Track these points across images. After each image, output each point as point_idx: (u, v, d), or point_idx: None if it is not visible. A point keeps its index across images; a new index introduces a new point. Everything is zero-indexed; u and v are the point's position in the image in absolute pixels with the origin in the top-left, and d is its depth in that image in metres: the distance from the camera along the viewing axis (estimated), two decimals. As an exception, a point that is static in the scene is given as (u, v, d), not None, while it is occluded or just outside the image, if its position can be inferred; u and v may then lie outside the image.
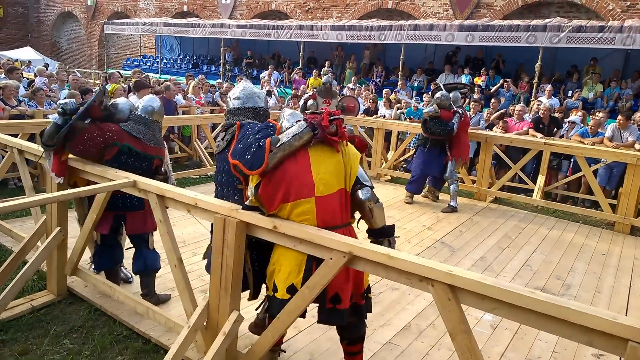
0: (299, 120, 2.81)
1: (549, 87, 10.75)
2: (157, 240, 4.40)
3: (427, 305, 4.22)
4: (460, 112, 7.17)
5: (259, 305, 3.32)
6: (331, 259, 2.56)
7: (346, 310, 2.74)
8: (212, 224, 3.13)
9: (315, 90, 7.91)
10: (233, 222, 2.84)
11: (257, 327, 3.34)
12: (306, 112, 2.96)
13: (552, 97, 10.51)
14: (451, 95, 7.28)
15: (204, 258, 3.47)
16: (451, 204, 7.32)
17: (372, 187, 2.90)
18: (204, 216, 3.10)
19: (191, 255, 4.87)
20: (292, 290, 2.73)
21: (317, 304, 2.75)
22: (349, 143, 2.89)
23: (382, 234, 2.98)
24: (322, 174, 2.69)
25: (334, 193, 2.72)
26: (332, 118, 2.73)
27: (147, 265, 3.91)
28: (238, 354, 3.15)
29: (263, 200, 2.71)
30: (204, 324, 3.12)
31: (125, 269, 4.41)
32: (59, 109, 3.68)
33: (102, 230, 3.90)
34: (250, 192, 2.78)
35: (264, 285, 3.05)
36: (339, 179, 2.75)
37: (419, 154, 7.49)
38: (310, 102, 6.67)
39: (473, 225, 6.70)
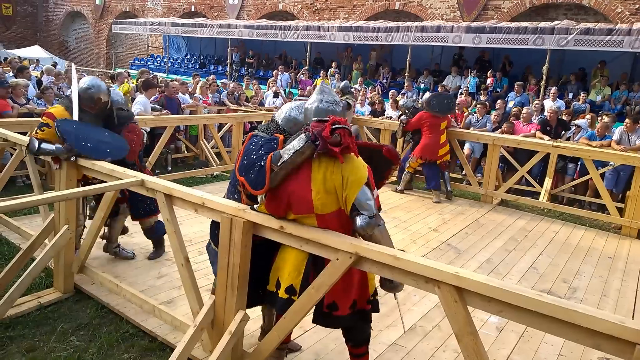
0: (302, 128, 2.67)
1: (553, 89, 10.70)
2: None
3: (432, 307, 4.21)
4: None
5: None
6: (337, 259, 2.56)
7: (344, 316, 2.75)
8: (211, 222, 3.16)
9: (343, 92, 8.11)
10: (240, 221, 2.85)
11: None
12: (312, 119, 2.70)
13: (558, 99, 10.46)
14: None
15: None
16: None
17: (371, 216, 2.56)
18: (211, 215, 3.11)
19: (197, 254, 4.88)
20: (291, 290, 2.74)
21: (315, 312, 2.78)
22: (360, 160, 2.66)
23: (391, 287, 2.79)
24: (321, 194, 2.59)
25: (333, 212, 2.65)
26: (335, 127, 2.51)
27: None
28: (244, 353, 3.17)
29: (270, 210, 2.74)
30: (210, 323, 3.13)
31: (123, 249, 4.78)
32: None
33: None
34: (259, 198, 2.78)
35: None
36: (336, 200, 2.62)
37: None
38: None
39: (479, 227, 6.68)
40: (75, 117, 4.02)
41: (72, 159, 3.83)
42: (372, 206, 2.59)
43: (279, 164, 2.56)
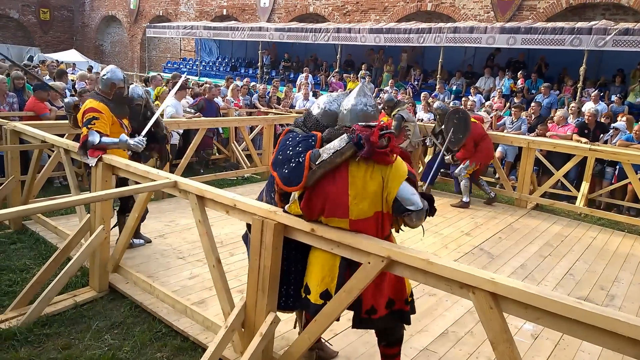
0: (343, 128, 2.63)
1: (594, 92, 10.38)
2: (196, 241, 4.51)
3: (465, 313, 4.13)
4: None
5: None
6: (369, 263, 2.53)
7: (382, 317, 2.73)
8: (247, 225, 3.16)
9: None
10: (271, 224, 2.85)
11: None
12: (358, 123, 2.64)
13: (600, 101, 10.15)
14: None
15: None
16: (463, 199, 7.58)
17: (417, 210, 2.57)
18: (242, 217, 3.12)
19: (228, 255, 4.93)
20: (326, 295, 2.72)
21: (352, 311, 2.74)
22: (399, 158, 2.66)
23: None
24: (358, 199, 2.55)
25: (368, 218, 2.61)
26: (382, 132, 2.52)
27: None
28: (274, 356, 3.16)
29: (304, 211, 2.69)
30: (241, 324, 3.14)
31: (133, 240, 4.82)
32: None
33: None
34: (291, 196, 2.78)
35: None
36: (375, 203, 2.58)
37: None
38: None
39: (513, 232, 6.53)
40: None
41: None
42: (418, 200, 2.58)
43: (317, 163, 2.52)
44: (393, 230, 2.88)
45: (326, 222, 2.68)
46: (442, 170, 8.47)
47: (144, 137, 4.42)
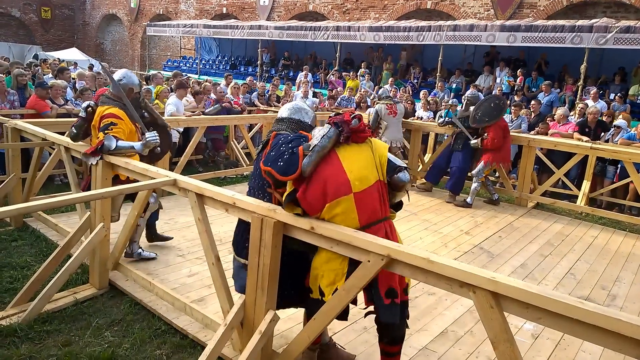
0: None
1: (594, 90, 10.36)
2: (195, 239, 4.50)
3: (464, 312, 4.13)
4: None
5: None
6: (369, 261, 2.53)
7: (403, 302, 2.76)
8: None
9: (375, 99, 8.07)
10: (270, 222, 2.84)
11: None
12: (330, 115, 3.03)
13: (600, 100, 10.13)
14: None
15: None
16: (467, 200, 7.54)
17: (407, 168, 2.92)
18: (241, 215, 3.12)
19: (228, 253, 4.89)
20: None
21: (373, 305, 2.72)
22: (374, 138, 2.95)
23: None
24: (355, 171, 2.71)
25: (371, 186, 2.73)
26: (352, 115, 2.81)
27: None
28: (273, 354, 3.16)
29: (305, 207, 2.72)
30: (240, 322, 3.13)
31: (144, 251, 4.78)
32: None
33: None
34: (284, 198, 2.78)
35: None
36: (372, 172, 2.77)
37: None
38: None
39: (513, 231, 6.52)
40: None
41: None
42: (402, 162, 2.93)
43: (310, 149, 2.68)
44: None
45: (331, 208, 2.67)
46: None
47: (153, 130, 4.30)
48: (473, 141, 7.49)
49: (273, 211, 2.86)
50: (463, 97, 8.17)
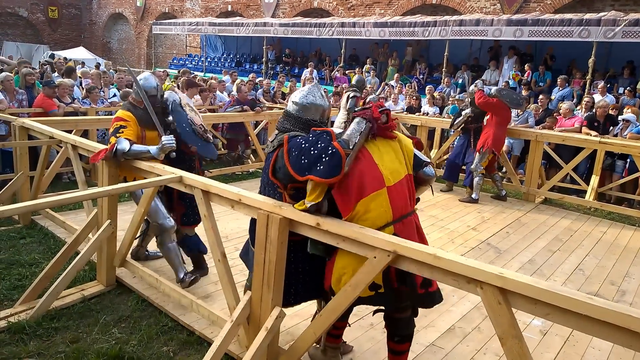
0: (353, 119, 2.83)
1: (601, 83, 10.25)
2: (202, 235, 4.49)
3: (472, 308, 4.11)
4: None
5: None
6: (375, 257, 2.51)
7: (437, 290, 2.77)
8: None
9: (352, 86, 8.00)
10: (276, 218, 2.83)
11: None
12: (355, 109, 2.97)
13: (607, 94, 10.02)
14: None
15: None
16: (472, 196, 7.50)
17: (431, 162, 2.99)
18: (247, 212, 3.11)
19: (234, 250, 4.91)
20: (374, 286, 2.67)
21: (410, 298, 2.72)
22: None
23: None
24: (386, 164, 2.74)
25: (402, 180, 2.76)
26: (381, 109, 2.80)
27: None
28: (280, 350, 3.16)
29: (341, 203, 2.66)
30: (247, 319, 3.13)
31: (152, 253, 4.75)
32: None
33: None
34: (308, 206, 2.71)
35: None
36: (402, 165, 2.81)
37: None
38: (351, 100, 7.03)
39: (521, 226, 6.48)
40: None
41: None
42: (427, 158, 3.00)
43: (351, 147, 2.65)
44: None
45: (366, 203, 2.64)
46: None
47: (169, 134, 4.06)
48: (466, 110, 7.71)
49: (279, 208, 2.85)
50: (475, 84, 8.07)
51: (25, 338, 3.39)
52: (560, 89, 10.96)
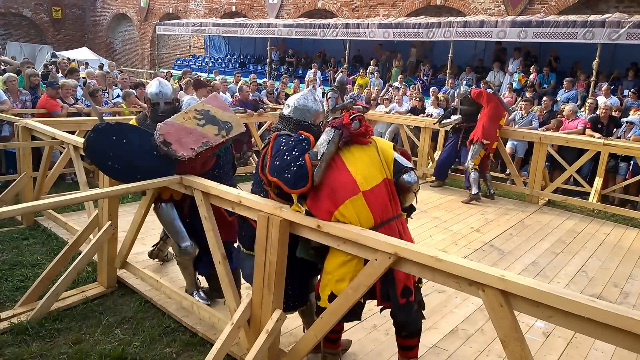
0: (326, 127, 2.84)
1: (605, 85, 10.21)
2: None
3: (475, 310, 4.09)
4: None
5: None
6: (376, 260, 2.50)
7: (414, 301, 2.74)
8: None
9: (333, 87, 8.02)
10: (277, 220, 2.83)
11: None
12: (336, 107, 3.03)
13: (612, 96, 9.98)
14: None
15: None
16: (472, 192, 7.54)
17: (414, 169, 2.91)
18: (247, 214, 3.11)
19: (236, 251, 4.92)
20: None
21: (389, 304, 2.70)
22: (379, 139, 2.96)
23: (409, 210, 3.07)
24: (360, 169, 2.71)
25: (379, 184, 2.72)
26: (352, 116, 2.81)
27: None
28: (281, 352, 3.15)
29: (313, 212, 2.70)
30: (247, 321, 3.13)
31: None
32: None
33: None
34: (295, 198, 2.77)
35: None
36: (378, 170, 2.77)
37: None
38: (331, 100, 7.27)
39: (524, 228, 6.45)
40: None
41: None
42: (410, 164, 2.92)
43: (319, 158, 2.67)
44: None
45: (344, 211, 2.64)
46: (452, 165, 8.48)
47: None
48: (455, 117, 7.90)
49: (279, 209, 2.85)
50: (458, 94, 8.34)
51: (28, 339, 3.40)
52: (566, 91, 10.93)
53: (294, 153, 2.73)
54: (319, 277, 2.91)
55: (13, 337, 3.41)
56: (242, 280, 4.21)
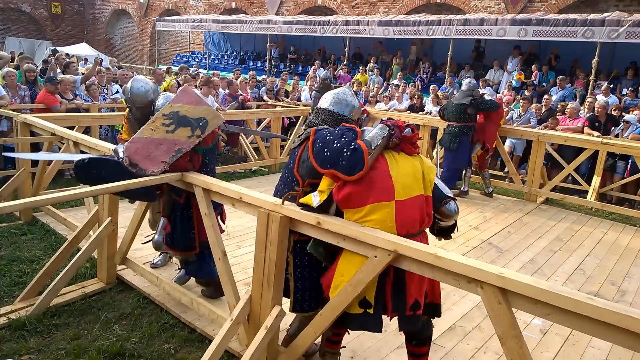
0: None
1: (605, 84, 10.22)
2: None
3: (472, 307, 4.11)
4: None
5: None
6: (375, 256, 2.51)
7: (421, 315, 2.69)
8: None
9: (316, 87, 7.87)
10: (277, 216, 2.83)
11: (286, 342, 3.23)
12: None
13: (611, 94, 9.99)
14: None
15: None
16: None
17: (454, 199, 2.92)
18: (248, 210, 3.11)
19: (236, 248, 4.93)
20: (365, 304, 2.64)
21: (397, 314, 2.65)
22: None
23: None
24: (400, 177, 2.63)
25: (414, 197, 2.63)
26: (407, 124, 2.79)
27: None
28: (279, 349, 3.16)
29: (342, 199, 2.62)
30: (247, 317, 3.13)
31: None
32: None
33: None
34: (314, 199, 2.71)
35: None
36: (417, 183, 2.68)
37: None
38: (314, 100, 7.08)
39: (522, 226, 6.47)
40: None
41: None
42: (450, 193, 2.94)
43: (372, 148, 2.61)
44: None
45: (370, 211, 2.59)
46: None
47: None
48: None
49: (279, 206, 2.85)
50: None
51: (26, 335, 3.40)
52: (560, 89, 10.94)
53: (343, 139, 2.66)
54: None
55: (11, 332, 3.41)
56: (243, 277, 4.24)
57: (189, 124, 3.44)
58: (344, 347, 3.26)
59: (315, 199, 2.70)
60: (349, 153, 2.59)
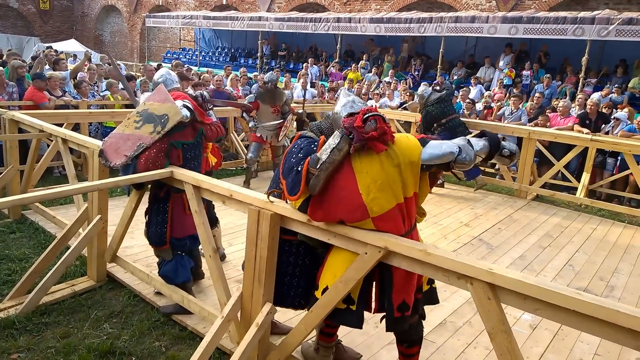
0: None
1: (594, 81, 10.31)
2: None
3: (463, 303, 4.13)
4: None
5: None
6: (366, 253, 2.51)
7: (409, 316, 2.64)
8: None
9: (258, 91, 7.47)
10: (267, 214, 2.83)
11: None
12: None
13: (595, 91, 10.08)
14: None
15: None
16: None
17: (459, 153, 2.47)
18: (238, 207, 3.11)
19: (227, 245, 4.92)
20: (348, 300, 2.64)
21: (384, 314, 2.65)
22: (404, 136, 2.57)
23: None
24: (372, 194, 2.41)
25: (392, 209, 2.46)
26: (367, 115, 2.42)
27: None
28: (271, 345, 3.16)
29: (317, 220, 2.59)
30: (238, 314, 3.13)
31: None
32: None
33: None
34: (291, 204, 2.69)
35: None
36: (395, 192, 2.45)
37: None
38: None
39: (512, 222, 6.51)
40: None
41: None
42: (449, 146, 2.47)
43: (318, 167, 2.39)
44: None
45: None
46: None
47: None
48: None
49: (270, 203, 2.85)
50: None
51: (15, 333, 3.37)
52: (546, 87, 11.01)
53: (299, 155, 2.55)
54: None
55: (0, 331, 3.38)
56: (234, 274, 4.23)
57: (153, 121, 3.57)
58: (341, 341, 3.27)
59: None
60: (293, 173, 2.52)
